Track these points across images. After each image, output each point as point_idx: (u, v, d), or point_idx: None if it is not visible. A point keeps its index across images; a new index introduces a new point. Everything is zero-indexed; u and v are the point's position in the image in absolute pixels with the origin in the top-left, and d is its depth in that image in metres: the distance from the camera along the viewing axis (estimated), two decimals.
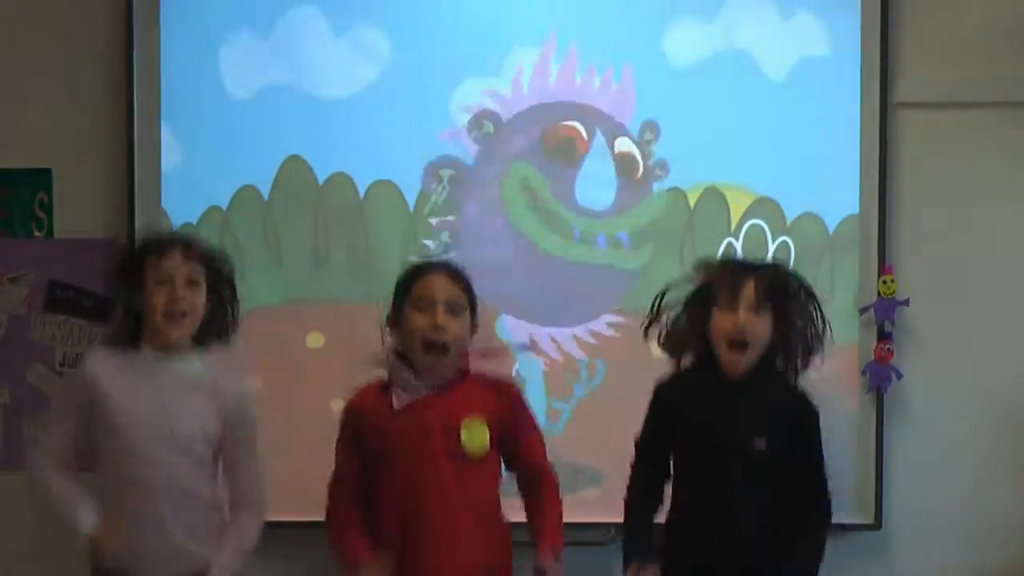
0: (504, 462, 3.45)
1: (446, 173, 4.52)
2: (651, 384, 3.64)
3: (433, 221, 4.52)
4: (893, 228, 4.51)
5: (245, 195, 4.53)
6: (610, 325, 4.51)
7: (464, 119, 4.53)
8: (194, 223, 4.50)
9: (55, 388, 4.49)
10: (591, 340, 4.52)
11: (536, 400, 4.35)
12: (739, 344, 3.34)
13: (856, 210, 4.47)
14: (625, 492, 3.57)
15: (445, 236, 4.52)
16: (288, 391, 4.50)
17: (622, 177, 4.53)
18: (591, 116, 4.53)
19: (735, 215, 4.48)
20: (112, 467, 3.36)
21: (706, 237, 4.48)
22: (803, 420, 3.45)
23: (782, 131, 4.48)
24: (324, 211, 4.53)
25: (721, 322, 3.36)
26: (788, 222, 4.48)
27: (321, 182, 4.52)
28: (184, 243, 3.41)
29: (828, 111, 4.48)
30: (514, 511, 3.47)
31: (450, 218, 4.52)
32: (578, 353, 4.51)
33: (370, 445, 3.37)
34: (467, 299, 3.39)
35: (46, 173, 4.62)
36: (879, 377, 4.45)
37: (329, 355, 4.50)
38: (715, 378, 3.42)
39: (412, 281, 3.39)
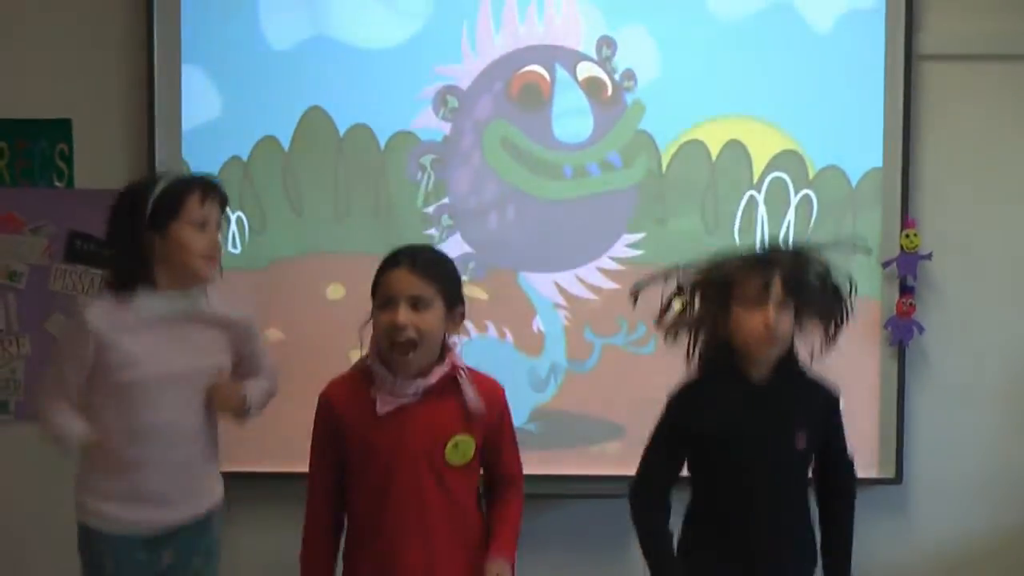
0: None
1: (427, 159, 4.51)
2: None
3: (429, 210, 4.50)
4: (916, 182, 4.48)
5: (266, 146, 4.51)
6: (629, 246, 4.50)
7: (427, 102, 4.50)
8: (214, 174, 4.49)
9: (59, 332, 4.52)
10: (615, 266, 4.50)
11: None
12: (771, 340, 3.20)
13: (879, 163, 4.44)
14: (633, 515, 3.38)
15: (446, 219, 4.50)
16: (308, 342, 4.50)
17: (594, 101, 4.50)
18: (546, 54, 4.50)
19: (757, 168, 4.45)
20: (119, 416, 3.35)
21: (729, 190, 4.46)
22: (833, 409, 3.39)
23: (806, 83, 4.44)
24: (344, 162, 4.51)
25: (750, 321, 3.19)
26: (811, 175, 4.44)
27: (342, 133, 4.50)
28: (221, 189, 3.47)
29: (852, 64, 4.44)
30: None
31: (444, 201, 4.50)
32: (605, 283, 4.49)
33: (348, 448, 3.26)
34: (435, 290, 3.21)
35: (66, 123, 4.61)
36: (901, 331, 4.44)
37: (349, 306, 4.46)
38: (738, 383, 3.28)
39: (378, 278, 3.26)
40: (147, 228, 3.34)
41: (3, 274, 4.62)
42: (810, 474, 3.41)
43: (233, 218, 4.50)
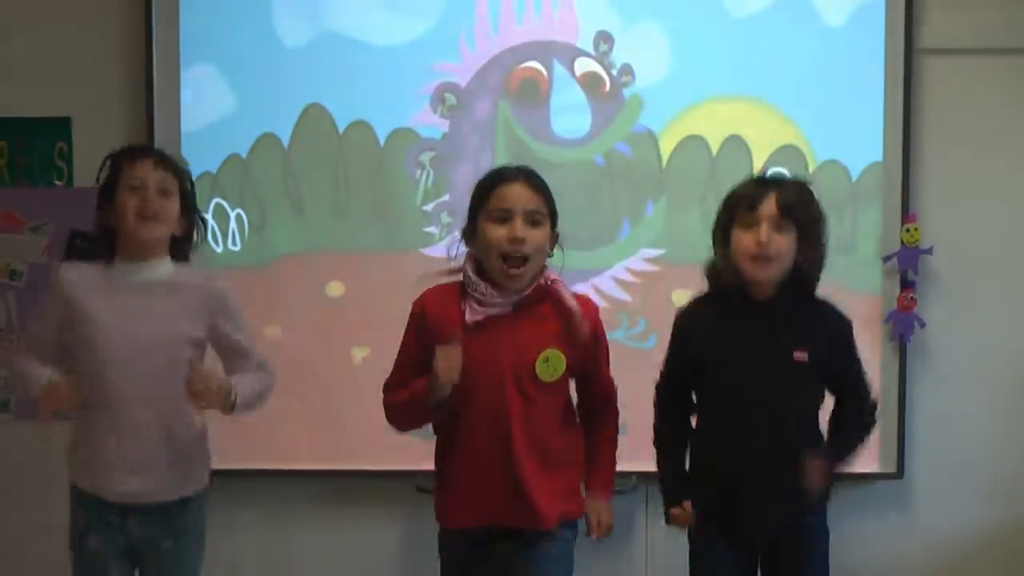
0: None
1: (426, 157, 4.50)
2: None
3: (429, 207, 4.49)
4: (917, 176, 4.47)
5: (265, 144, 4.51)
6: (648, 260, 4.50)
7: (425, 99, 4.49)
8: (213, 172, 4.50)
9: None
10: (631, 279, 4.50)
11: None
12: (762, 258, 3.24)
13: (880, 157, 4.43)
14: (653, 437, 3.50)
15: (445, 217, 4.49)
16: (308, 340, 4.50)
17: (591, 97, 4.49)
18: (544, 50, 4.49)
19: (757, 163, 4.44)
20: (90, 379, 3.36)
21: (728, 185, 4.41)
22: (840, 331, 3.40)
23: (811, 74, 4.43)
24: (344, 160, 4.50)
25: (742, 240, 3.27)
26: (811, 170, 4.43)
27: (341, 131, 4.50)
28: (156, 152, 3.45)
29: (854, 57, 4.43)
30: None
31: (445, 198, 4.49)
32: (620, 294, 4.50)
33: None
34: (547, 208, 3.24)
35: (65, 122, 4.61)
36: (902, 326, 4.43)
37: (349, 304, 4.50)
38: (738, 302, 3.34)
39: (489, 191, 3.23)
40: (102, 199, 3.41)
41: (3, 273, 4.62)
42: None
43: (233, 215, 4.50)
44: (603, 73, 4.48)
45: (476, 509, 3.27)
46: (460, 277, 3.31)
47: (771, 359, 3.29)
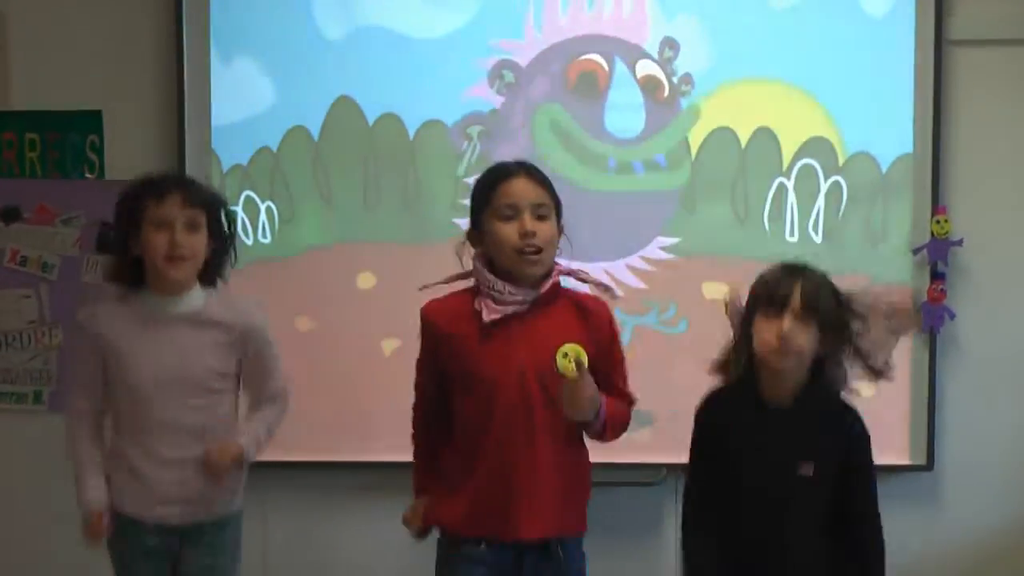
0: None
1: (474, 130, 4.50)
2: (704, 324, 3.59)
3: (470, 180, 4.46)
4: (947, 167, 4.46)
5: (295, 136, 4.52)
6: (663, 249, 4.49)
7: (483, 73, 4.50)
8: (244, 164, 4.52)
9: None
10: (646, 267, 4.49)
11: None
12: (782, 351, 3.05)
13: (910, 149, 4.42)
14: (681, 543, 3.29)
15: None
16: (339, 332, 4.52)
17: (649, 100, 4.48)
18: (608, 45, 4.49)
19: (787, 155, 4.44)
20: (127, 414, 3.41)
21: (757, 177, 4.45)
22: (854, 444, 3.15)
23: (839, 67, 4.43)
24: (374, 152, 4.51)
25: (765, 331, 3.07)
26: (841, 162, 4.43)
27: (371, 123, 4.51)
28: (183, 187, 3.39)
29: (885, 49, 4.42)
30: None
31: None
32: (634, 282, 4.48)
33: (451, 363, 3.22)
34: (552, 200, 3.18)
35: (97, 115, 4.63)
36: (932, 318, 4.42)
37: (380, 295, 4.51)
38: (754, 403, 3.15)
39: (492, 189, 3.17)
40: (125, 231, 3.38)
41: (35, 265, 4.65)
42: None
43: (263, 208, 4.52)
44: (664, 79, 4.47)
45: (494, 515, 3.19)
46: (470, 282, 3.26)
47: (777, 472, 3.11)
